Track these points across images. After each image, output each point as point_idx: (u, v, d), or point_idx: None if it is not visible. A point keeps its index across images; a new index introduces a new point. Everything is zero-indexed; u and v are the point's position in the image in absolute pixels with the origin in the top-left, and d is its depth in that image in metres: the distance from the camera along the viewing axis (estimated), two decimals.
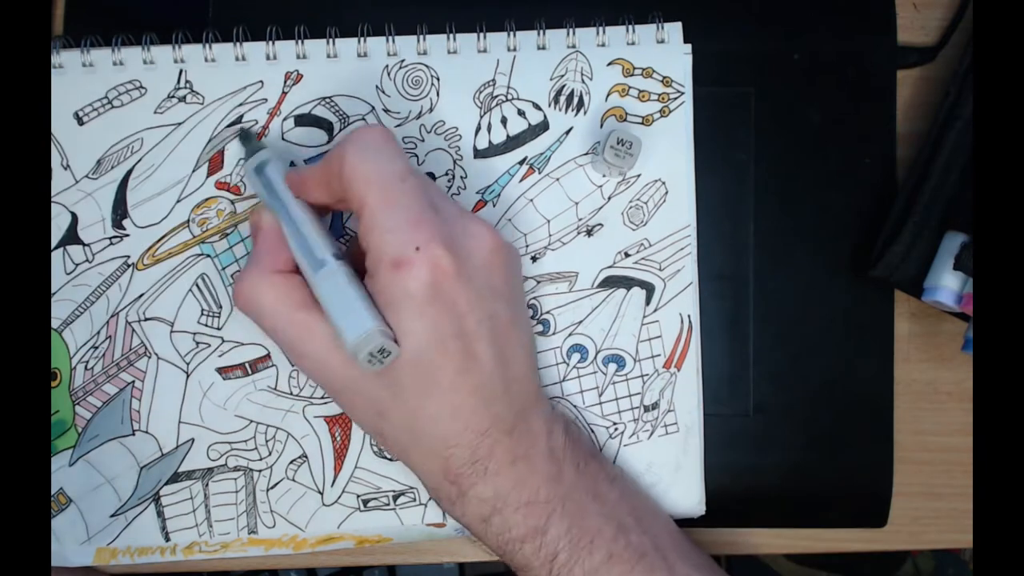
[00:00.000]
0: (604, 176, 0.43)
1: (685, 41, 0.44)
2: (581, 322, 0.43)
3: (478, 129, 0.44)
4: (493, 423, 0.36)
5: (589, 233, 0.43)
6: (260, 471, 0.43)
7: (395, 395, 0.36)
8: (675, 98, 0.44)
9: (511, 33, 0.44)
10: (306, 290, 0.37)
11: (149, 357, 0.43)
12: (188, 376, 0.43)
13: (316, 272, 0.36)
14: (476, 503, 0.37)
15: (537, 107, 0.44)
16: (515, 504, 0.37)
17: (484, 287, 0.36)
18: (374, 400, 0.37)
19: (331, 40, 0.43)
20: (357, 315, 0.35)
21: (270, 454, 0.43)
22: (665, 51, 0.44)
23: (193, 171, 0.43)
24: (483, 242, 0.37)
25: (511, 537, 0.37)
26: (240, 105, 0.43)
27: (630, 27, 0.44)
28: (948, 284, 0.41)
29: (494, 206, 0.43)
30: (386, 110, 0.43)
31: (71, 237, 0.43)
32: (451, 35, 0.43)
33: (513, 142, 0.44)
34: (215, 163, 0.43)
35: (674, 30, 0.44)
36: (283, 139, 0.43)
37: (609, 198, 0.43)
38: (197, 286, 0.43)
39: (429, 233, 0.35)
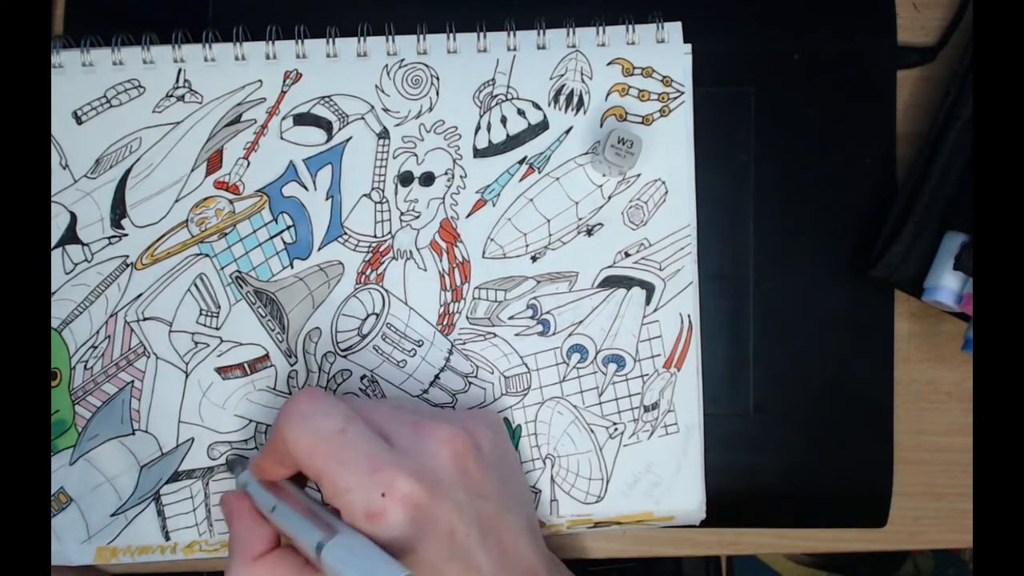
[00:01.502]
0: (604, 176, 0.43)
1: (685, 41, 0.44)
2: (581, 322, 0.43)
3: (478, 128, 0.44)
4: None
5: (589, 233, 0.43)
6: None
7: None
8: (675, 97, 0.44)
9: (511, 32, 0.44)
10: (295, 557, 0.36)
11: (148, 357, 0.43)
12: (187, 376, 0.43)
13: (323, 552, 0.34)
14: None
15: (537, 106, 0.44)
16: None
17: (463, 496, 0.35)
18: None
19: (331, 40, 0.43)
20: (383, 569, 0.33)
21: None
22: (665, 50, 0.44)
23: (191, 170, 0.43)
24: (445, 452, 0.36)
25: None
26: (239, 104, 0.43)
27: (630, 27, 0.44)
28: (948, 284, 0.41)
29: (494, 205, 0.43)
30: (385, 109, 0.43)
31: (70, 237, 0.43)
32: (451, 34, 0.43)
33: (513, 141, 0.44)
34: (214, 162, 0.43)
35: (674, 30, 0.44)
36: (281, 138, 0.43)
37: (609, 198, 0.43)
38: (196, 286, 0.43)
39: (388, 474, 0.34)
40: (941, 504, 0.45)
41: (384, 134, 0.43)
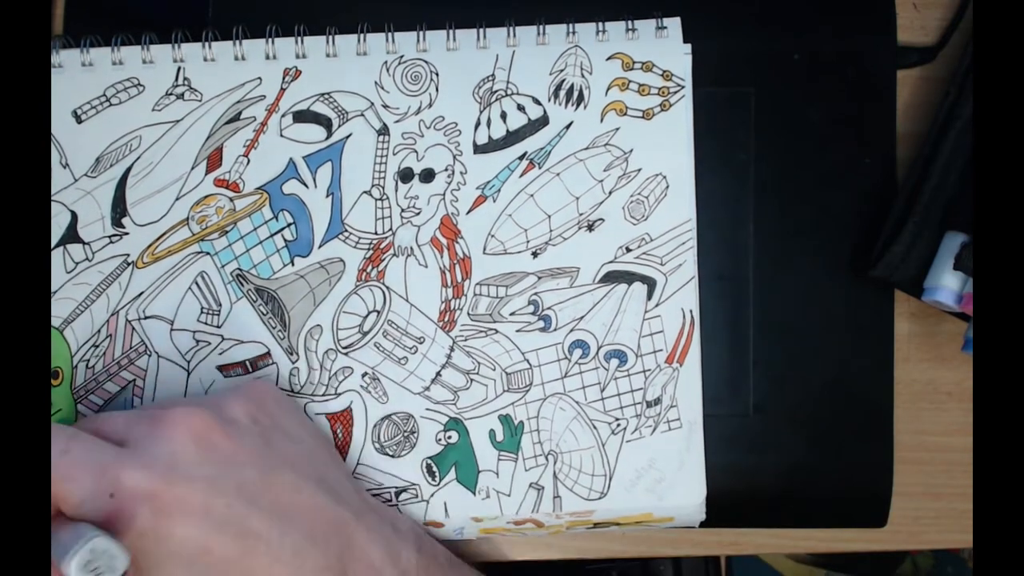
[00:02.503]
0: None
1: (685, 41, 0.44)
2: (583, 318, 0.43)
3: (478, 124, 0.44)
4: None
5: (590, 228, 0.43)
6: None
7: None
8: (675, 92, 0.44)
9: (510, 29, 0.44)
10: None
11: (150, 355, 0.43)
12: (189, 374, 0.43)
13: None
14: None
15: (537, 102, 0.44)
16: None
17: (211, 471, 0.34)
18: None
19: (330, 39, 0.43)
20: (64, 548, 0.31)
21: None
22: (665, 45, 0.44)
23: (192, 168, 0.43)
24: (182, 435, 0.34)
25: None
26: (238, 102, 0.43)
27: (629, 21, 0.44)
28: (948, 284, 0.41)
29: (494, 201, 0.43)
30: (385, 106, 0.43)
31: (71, 236, 0.43)
32: (450, 31, 0.43)
33: (513, 137, 0.44)
34: (214, 160, 0.43)
35: (673, 24, 0.44)
36: (281, 135, 0.43)
37: (610, 193, 0.43)
38: (196, 284, 0.43)
39: (112, 474, 0.33)
40: (941, 504, 0.46)
41: (384, 131, 0.43)
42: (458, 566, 0.40)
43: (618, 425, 0.43)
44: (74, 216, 0.43)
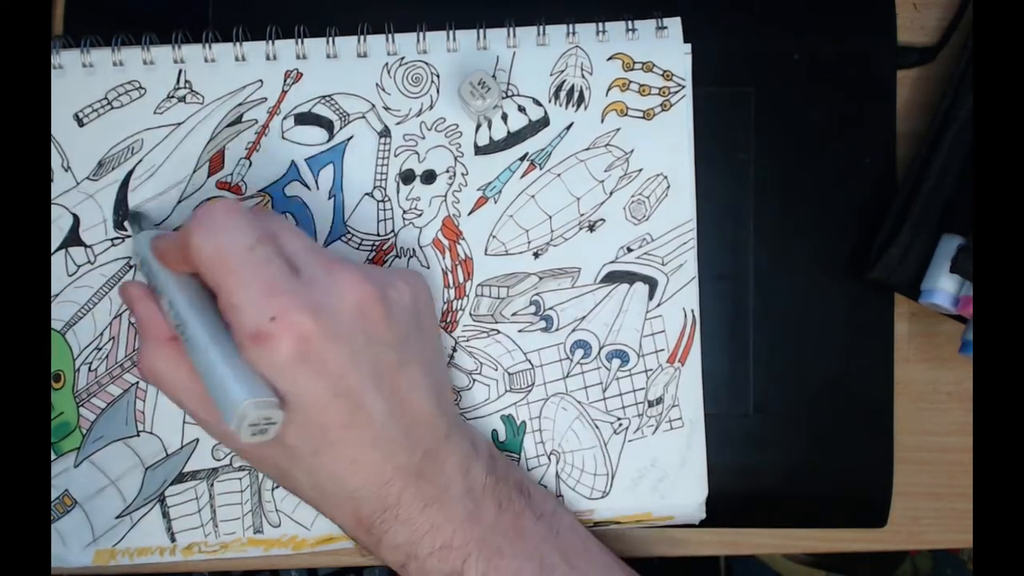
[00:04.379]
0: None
1: (685, 41, 0.44)
2: (584, 318, 0.43)
3: (479, 126, 0.44)
4: (395, 472, 0.36)
5: (591, 228, 0.43)
6: None
7: (291, 457, 0.36)
8: (676, 92, 0.44)
9: (511, 30, 0.44)
10: None
11: None
12: None
13: (187, 348, 0.35)
14: (391, 551, 0.36)
15: (537, 103, 0.44)
16: (428, 549, 0.36)
17: (359, 340, 0.35)
18: (274, 463, 0.37)
19: (331, 40, 0.43)
20: (228, 390, 0.33)
21: None
22: (665, 45, 0.44)
23: (194, 171, 0.43)
24: (350, 296, 0.35)
25: None
26: (240, 104, 0.43)
27: (629, 21, 0.44)
28: (945, 287, 0.41)
29: (495, 203, 0.43)
30: (386, 108, 0.43)
31: (73, 239, 0.43)
32: (451, 32, 0.43)
33: (514, 138, 0.44)
34: (216, 163, 0.43)
35: (674, 24, 0.44)
36: (283, 137, 0.43)
37: (611, 193, 0.43)
38: None
39: (283, 300, 0.34)
40: (941, 504, 0.46)
41: (385, 133, 0.43)
42: (528, 489, 0.40)
43: (620, 425, 0.43)
44: (76, 219, 0.43)
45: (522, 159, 0.44)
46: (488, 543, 0.37)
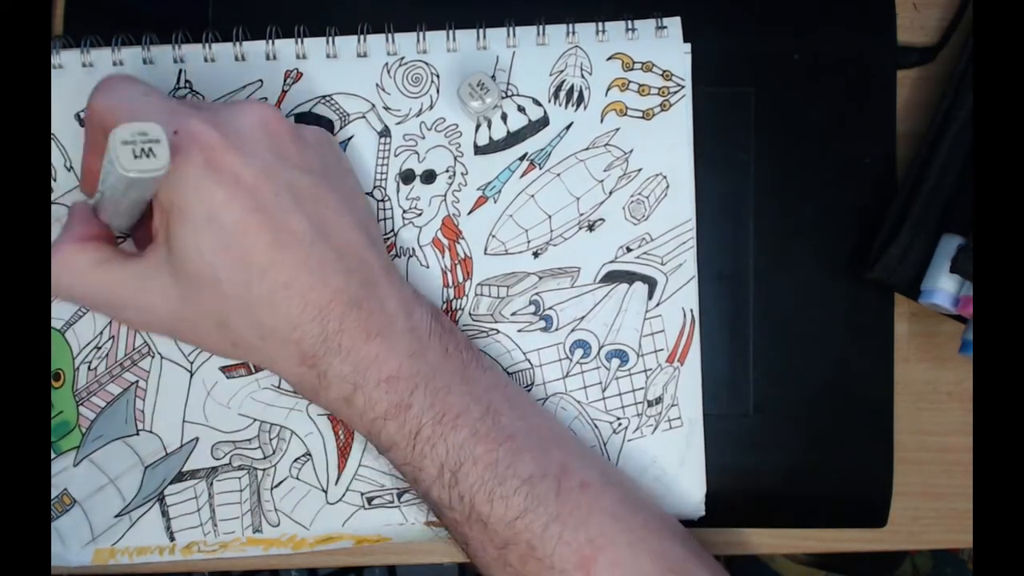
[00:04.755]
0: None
1: (685, 41, 0.44)
2: (583, 317, 0.43)
3: (478, 126, 0.44)
4: (334, 296, 0.36)
5: (591, 228, 0.43)
6: (264, 470, 0.43)
7: (224, 297, 0.35)
8: (675, 92, 0.44)
9: (510, 30, 0.44)
10: (106, 249, 0.37)
11: (152, 356, 0.43)
12: (192, 375, 0.43)
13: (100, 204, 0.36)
14: (337, 383, 0.36)
15: (537, 103, 0.44)
16: (375, 380, 0.36)
17: (271, 158, 0.35)
18: (209, 313, 0.36)
19: (331, 39, 0.43)
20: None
21: (274, 452, 0.43)
22: (664, 45, 0.44)
23: None
24: (255, 116, 0.36)
25: (375, 416, 0.37)
26: None
27: (629, 21, 0.44)
28: (945, 287, 0.41)
29: (495, 202, 0.43)
30: (386, 107, 0.43)
31: None
32: (450, 32, 0.43)
33: (514, 138, 0.44)
34: None
35: (673, 24, 0.44)
36: None
37: (610, 193, 0.43)
38: None
39: (186, 117, 0.34)
40: (941, 504, 0.46)
41: (385, 132, 0.43)
42: (474, 348, 0.40)
43: (619, 424, 0.43)
44: None
45: (522, 159, 0.44)
46: (435, 380, 0.37)
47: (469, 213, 0.43)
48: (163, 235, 0.36)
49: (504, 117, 0.44)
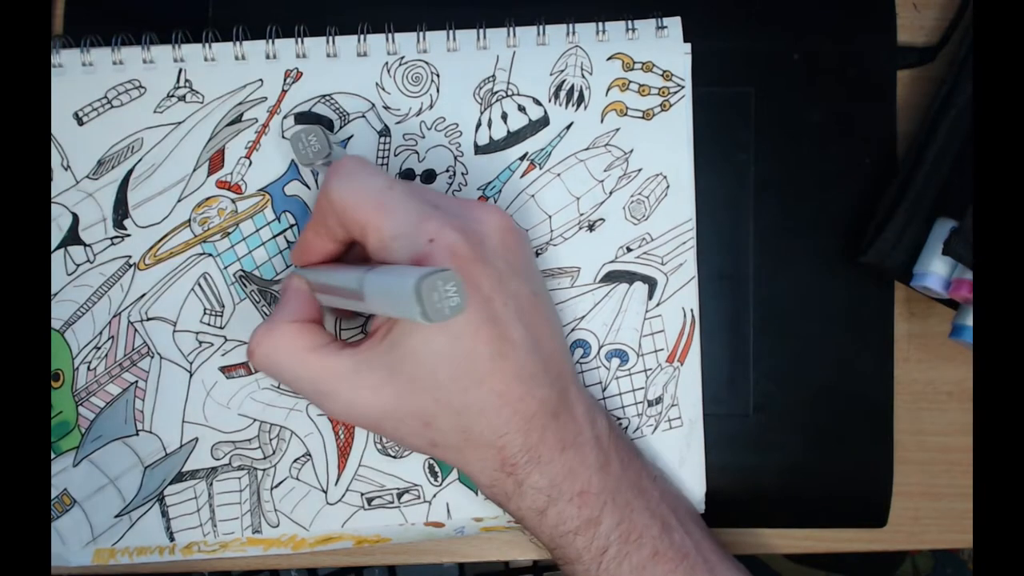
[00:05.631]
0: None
1: (685, 41, 0.44)
2: (583, 317, 0.43)
3: (478, 125, 0.44)
4: (540, 407, 0.36)
5: (591, 228, 0.43)
6: (264, 470, 0.43)
7: (437, 398, 0.35)
8: (675, 92, 0.44)
9: (511, 29, 0.44)
10: (324, 335, 0.37)
11: (152, 357, 0.43)
12: (191, 375, 0.43)
13: (364, 279, 0.34)
14: (532, 494, 0.36)
15: (537, 102, 0.44)
16: (569, 494, 0.36)
17: (504, 268, 0.36)
18: (417, 413, 0.36)
19: (331, 39, 0.43)
20: (409, 273, 0.31)
21: (274, 453, 0.43)
22: (665, 45, 0.44)
23: (194, 170, 0.43)
24: (494, 224, 0.36)
25: (566, 530, 0.37)
26: (240, 104, 0.43)
27: (629, 21, 0.44)
28: (937, 270, 0.41)
29: (495, 202, 0.43)
30: (386, 107, 0.43)
31: (72, 238, 0.43)
32: (451, 32, 0.43)
33: (514, 138, 0.44)
34: (215, 162, 0.43)
35: (673, 24, 0.44)
36: (283, 137, 0.43)
37: (611, 193, 0.43)
38: (199, 285, 0.43)
39: (438, 223, 0.34)
40: (941, 504, 0.45)
41: (385, 132, 0.43)
42: (638, 451, 0.40)
43: (619, 424, 0.43)
44: (76, 218, 0.43)
45: (522, 159, 0.44)
46: (619, 495, 0.37)
47: None
48: (388, 332, 0.35)
49: (504, 117, 0.44)
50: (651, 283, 0.43)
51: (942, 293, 0.41)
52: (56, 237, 0.43)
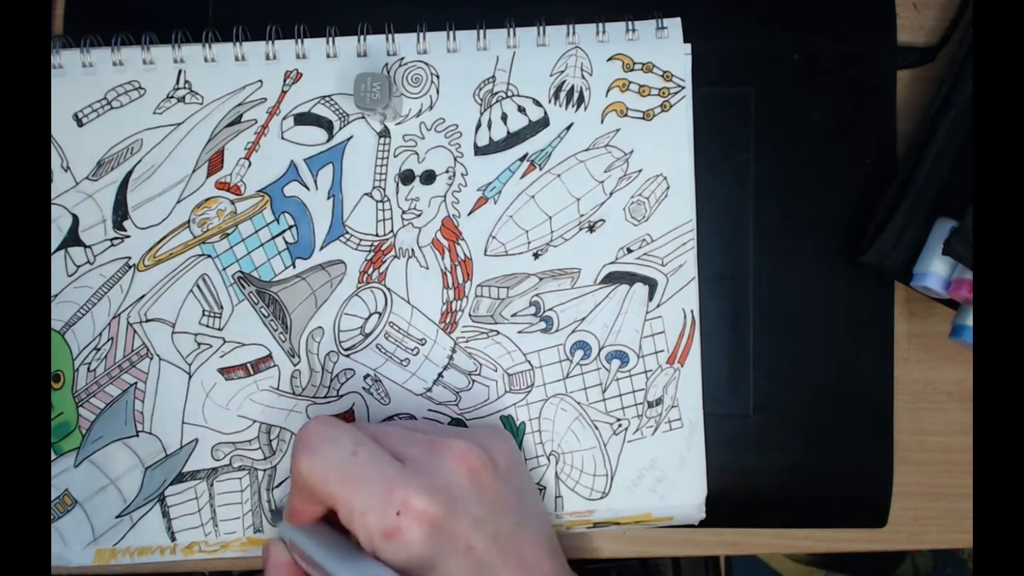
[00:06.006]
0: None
1: (685, 41, 0.44)
2: (584, 319, 0.43)
3: (478, 126, 0.44)
4: None
5: (591, 229, 0.43)
6: (264, 470, 0.43)
7: None
8: (676, 92, 0.44)
9: (511, 30, 0.44)
10: None
11: (151, 358, 0.43)
12: (190, 377, 0.43)
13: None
14: None
15: (537, 103, 0.44)
16: None
17: (479, 511, 0.36)
18: None
19: (331, 39, 0.43)
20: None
21: (274, 453, 0.43)
22: (665, 46, 0.44)
23: (193, 171, 0.43)
24: (463, 470, 0.36)
25: None
26: (239, 105, 0.43)
27: (630, 22, 0.44)
28: (937, 270, 0.41)
29: (495, 203, 0.43)
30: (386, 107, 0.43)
31: (72, 239, 0.43)
32: (451, 33, 0.43)
33: (514, 139, 0.44)
34: (215, 163, 0.43)
35: (673, 24, 0.44)
36: (282, 138, 0.43)
37: (611, 194, 0.43)
38: (198, 287, 0.43)
39: (402, 493, 0.34)
40: (941, 504, 0.45)
41: (385, 133, 0.43)
42: None
43: (619, 425, 0.43)
44: (75, 219, 0.43)
45: (522, 159, 0.44)
46: None
47: (469, 214, 0.43)
48: None
49: (504, 117, 0.44)
50: (651, 284, 0.43)
51: (942, 293, 0.41)
52: (56, 238, 0.43)
